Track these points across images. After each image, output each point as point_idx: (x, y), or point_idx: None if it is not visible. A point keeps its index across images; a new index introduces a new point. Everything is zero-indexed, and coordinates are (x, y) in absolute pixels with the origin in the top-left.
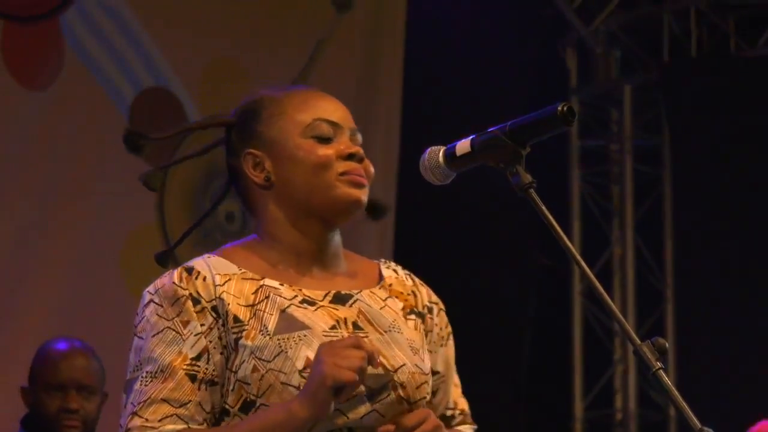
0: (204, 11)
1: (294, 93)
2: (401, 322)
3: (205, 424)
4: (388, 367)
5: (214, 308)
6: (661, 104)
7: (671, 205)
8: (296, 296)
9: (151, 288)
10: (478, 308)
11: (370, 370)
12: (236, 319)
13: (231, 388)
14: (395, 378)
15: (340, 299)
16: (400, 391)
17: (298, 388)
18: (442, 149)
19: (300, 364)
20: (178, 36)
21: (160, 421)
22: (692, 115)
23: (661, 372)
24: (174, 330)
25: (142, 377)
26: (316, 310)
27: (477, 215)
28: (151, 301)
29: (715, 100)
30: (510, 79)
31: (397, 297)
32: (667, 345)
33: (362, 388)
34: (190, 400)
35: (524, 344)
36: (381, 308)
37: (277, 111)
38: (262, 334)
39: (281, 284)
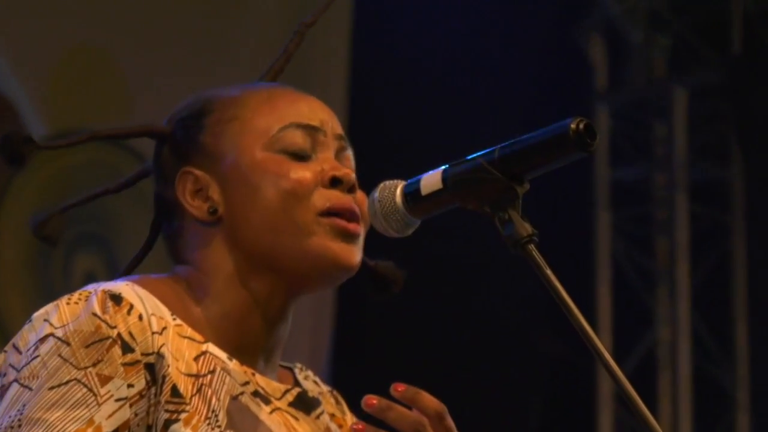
0: None
1: (255, 91)
2: None
3: None
4: None
5: (150, 366)
6: (729, 117)
7: (744, 264)
8: (248, 382)
9: (52, 316)
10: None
11: None
12: (175, 391)
13: None
14: None
15: (304, 404)
16: None
17: None
18: (400, 185)
19: None
20: (17, 21)
21: None
22: None
23: None
24: (86, 386)
25: None
26: (272, 412)
27: (461, 280)
28: (52, 335)
29: None
30: (507, 80)
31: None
32: None
33: None
34: None
35: None
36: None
37: (229, 114)
38: (210, 425)
39: (229, 358)
